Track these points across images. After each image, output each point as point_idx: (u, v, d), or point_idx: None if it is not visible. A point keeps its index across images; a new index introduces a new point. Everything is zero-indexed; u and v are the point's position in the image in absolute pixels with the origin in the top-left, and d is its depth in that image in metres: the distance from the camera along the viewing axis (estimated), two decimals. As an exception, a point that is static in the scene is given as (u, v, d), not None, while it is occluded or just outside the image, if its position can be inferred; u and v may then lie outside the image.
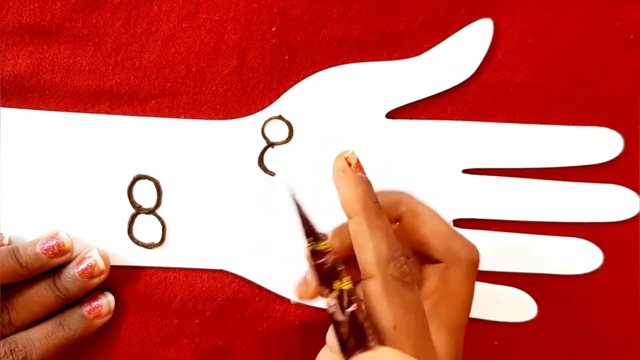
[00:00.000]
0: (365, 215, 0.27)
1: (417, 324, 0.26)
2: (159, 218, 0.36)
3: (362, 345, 0.25)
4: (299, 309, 0.37)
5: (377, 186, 0.36)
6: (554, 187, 0.37)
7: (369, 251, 0.27)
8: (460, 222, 0.37)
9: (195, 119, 0.36)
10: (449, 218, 0.37)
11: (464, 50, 0.36)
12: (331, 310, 0.26)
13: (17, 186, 0.35)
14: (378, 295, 0.26)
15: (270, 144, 0.36)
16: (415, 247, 0.30)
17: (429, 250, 0.29)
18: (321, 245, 0.27)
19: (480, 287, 0.37)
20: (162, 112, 0.36)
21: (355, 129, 0.37)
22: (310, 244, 0.27)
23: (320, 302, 0.36)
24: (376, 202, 0.28)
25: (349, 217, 0.28)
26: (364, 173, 0.29)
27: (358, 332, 0.26)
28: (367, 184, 0.28)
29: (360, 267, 0.27)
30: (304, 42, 0.36)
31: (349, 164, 0.28)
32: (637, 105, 0.37)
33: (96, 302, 0.35)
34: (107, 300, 0.35)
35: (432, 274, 0.29)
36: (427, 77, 0.36)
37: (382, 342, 0.26)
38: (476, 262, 0.29)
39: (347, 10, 0.36)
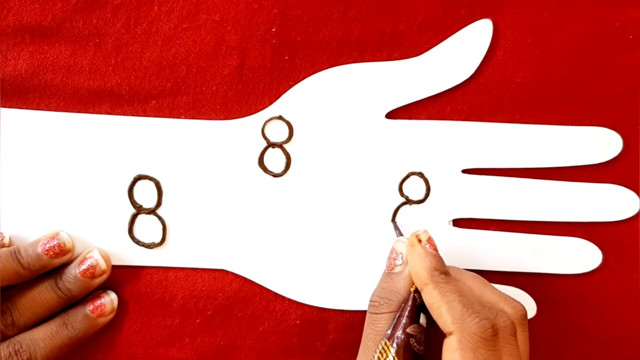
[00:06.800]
0: (433, 284, 0.30)
1: None
2: (160, 218, 0.36)
3: None
4: (299, 308, 0.37)
5: (378, 187, 0.37)
6: (553, 187, 0.37)
7: (444, 313, 0.29)
8: (460, 222, 0.37)
9: (195, 119, 0.36)
10: (449, 218, 0.37)
11: (464, 51, 0.36)
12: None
13: (18, 186, 0.36)
14: (451, 349, 0.28)
15: (270, 144, 0.37)
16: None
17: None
18: None
19: (479, 286, 0.37)
20: (162, 113, 0.36)
21: (355, 129, 0.37)
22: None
23: (321, 302, 0.37)
24: (443, 272, 0.30)
25: (421, 289, 0.30)
26: (434, 248, 0.32)
27: None
28: (434, 256, 0.31)
29: (441, 329, 0.29)
30: (304, 42, 0.36)
31: (419, 240, 0.32)
32: (637, 105, 0.37)
33: (99, 301, 0.35)
34: (110, 299, 0.36)
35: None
36: (427, 77, 0.36)
37: None
38: (486, 330, 0.28)
39: (347, 10, 0.36)
